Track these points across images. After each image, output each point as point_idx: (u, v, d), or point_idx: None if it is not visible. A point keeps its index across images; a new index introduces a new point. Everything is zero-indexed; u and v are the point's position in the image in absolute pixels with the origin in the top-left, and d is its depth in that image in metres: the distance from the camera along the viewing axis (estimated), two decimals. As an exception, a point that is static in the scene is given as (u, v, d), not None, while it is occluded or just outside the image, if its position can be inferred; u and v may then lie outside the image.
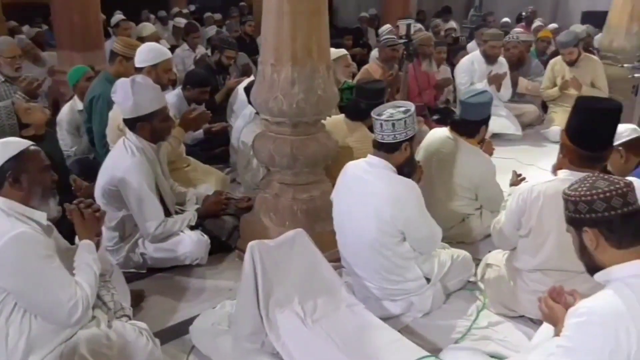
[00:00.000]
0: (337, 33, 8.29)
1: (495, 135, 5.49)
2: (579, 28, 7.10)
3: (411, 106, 2.51)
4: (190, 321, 2.56)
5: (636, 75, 3.86)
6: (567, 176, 2.41)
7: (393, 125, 2.44)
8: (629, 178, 2.71)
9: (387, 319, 2.56)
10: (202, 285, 3.00)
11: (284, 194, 3.11)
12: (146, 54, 3.59)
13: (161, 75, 3.56)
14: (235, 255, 3.26)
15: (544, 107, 6.19)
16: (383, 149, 2.52)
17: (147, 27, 6.62)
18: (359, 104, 3.60)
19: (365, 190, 2.52)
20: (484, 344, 2.47)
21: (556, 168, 2.67)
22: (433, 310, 2.71)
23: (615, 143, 2.76)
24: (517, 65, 6.20)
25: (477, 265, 3.01)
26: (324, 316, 2.23)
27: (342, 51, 4.70)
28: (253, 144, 3.19)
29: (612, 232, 1.57)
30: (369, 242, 2.54)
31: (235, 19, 10.03)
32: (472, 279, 2.97)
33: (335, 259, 2.88)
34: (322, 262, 2.45)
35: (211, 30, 7.89)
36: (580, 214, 1.61)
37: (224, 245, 3.28)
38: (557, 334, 1.81)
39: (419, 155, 3.45)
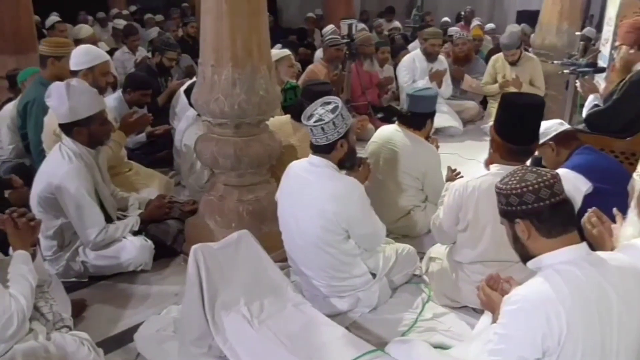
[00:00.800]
0: (282, 33, 8.31)
1: (438, 131, 5.63)
2: (515, 28, 7.36)
3: (338, 102, 2.53)
4: (135, 329, 2.51)
5: (565, 71, 4.04)
6: (498, 170, 2.51)
7: (322, 129, 2.45)
8: (559, 170, 2.87)
9: (335, 315, 2.60)
10: (147, 291, 2.94)
11: (229, 195, 3.09)
12: (82, 56, 3.49)
13: (98, 78, 3.47)
14: (180, 259, 3.21)
15: (485, 103, 6.39)
16: (319, 150, 2.55)
17: (84, 29, 6.41)
18: (304, 104, 3.61)
19: (308, 190, 2.54)
20: (429, 335, 2.54)
21: (488, 162, 2.78)
22: (380, 305, 2.75)
23: (546, 138, 2.90)
24: (463, 62, 6.38)
25: (421, 258, 3.07)
26: (271, 316, 2.24)
27: (285, 51, 4.70)
28: (195, 146, 3.15)
29: (542, 222, 1.64)
30: (314, 241, 2.56)
31: (177, 20, 9.86)
32: (417, 273, 3.03)
33: (282, 259, 2.89)
34: (267, 263, 2.45)
35: (153, 32, 7.74)
36: (511, 206, 1.68)
37: (169, 250, 3.22)
38: (494, 320, 1.89)
39: (369, 150, 3.52)
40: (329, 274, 2.63)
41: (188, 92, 3.70)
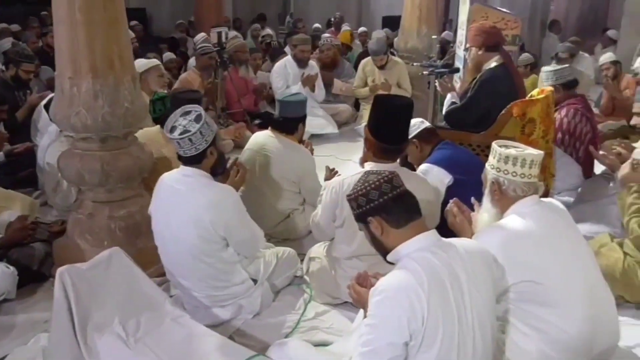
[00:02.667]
0: (152, 42, 8.06)
1: (315, 135, 5.78)
2: (380, 34, 7.77)
3: (200, 109, 2.51)
4: (-1, 363, 2.32)
5: (424, 72, 4.31)
6: (372, 168, 2.62)
7: (190, 140, 2.43)
8: (423, 165, 3.07)
9: (218, 325, 2.58)
10: (12, 321, 2.71)
11: (98, 212, 2.95)
12: None
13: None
14: (49, 284, 2.99)
15: (357, 105, 6.65)
16: (189, 162, 2.52)
17: None
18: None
19: (182, 200, 2.50)
20: (311, 334, 2.59)
21: (362, 161, 2.90)
22: (263, 310, 2.76)
23: (410, 136, 3.08)
24: (331, 67, 6.59)
25: (302, 260, 3.13)
26: (148, 333, 2.17)
27: (154, 61, 4.58)
28: (58, 163, 2.98)
29: (390, 214, 1.79)
30: (192, 251, 2.52)
31: (36, 30, 9.18)
32: (298, 274, 3.09)
33: (161, 273, 2.83)
34: (142, 279, 2.37)
35: (6, 43, 7.14)
36: (361, 207, 1.82)
37: (36, 275, 3.00)
38: (365, 315, 1.98)
39: (244, 157, 3.52)
40: (209, 284, 2.61)
41: (48, 107, 3.48)
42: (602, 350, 2.14)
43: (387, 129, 2.63)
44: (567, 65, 4.90)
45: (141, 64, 4.33)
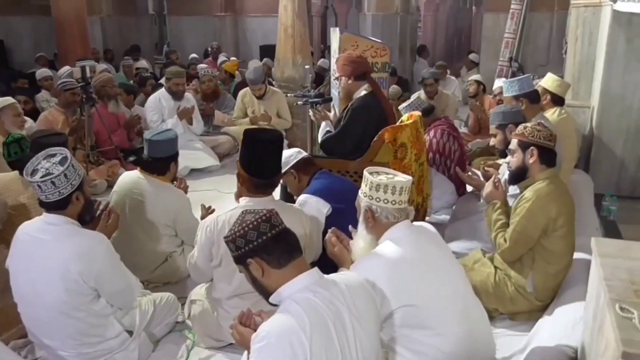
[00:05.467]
0: (10, 77, 7.47)
1: (195, 170, 5.62)
2: (257, 63, 7.77)
3: (66, 151, 2.35)
4: None
5: (299, 102, 4.35)
6: (247, 203, 2.59)
7: (53, 183, 2.25)
8: (302, 196, 3.06)
9: (90, 386, 2.36)
10: None
11: (-55, 273, 2.61)
12: None
13: None
14: None
15: (239, 136, 6.57)
16: (53, 207, 2.33)
17: None
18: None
19: (46, 251, 2.29)
20: (196, 382, 2.46)
21: (237, 196, 2.84)
22: (142, 362, 2.58)
23: (287, 167, 3.07)
24: (212, 98, 6.48)
25: (184, 304, 2.98)
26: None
27: (9, 100, 4.21)
28: None
29: (270, 255, 1.73)
30: (58, 307, 2.31)
31: None
32: (180, 319, 2.94)
33: (22, 335, 2.59)
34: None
35: None
36: (240, 249, 1.75)
37: None
38: (249, 358, 1.90)
39: (112, 200, 3.30)
40: (79, 341, 2.40)
41: None
42: (480, 364, 2.22)
43: (258, 163, 2.60)
44: (417, 96, 5.52)
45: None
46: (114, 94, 5.51)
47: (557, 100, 4.34)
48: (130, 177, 3.39)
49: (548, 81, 4.40)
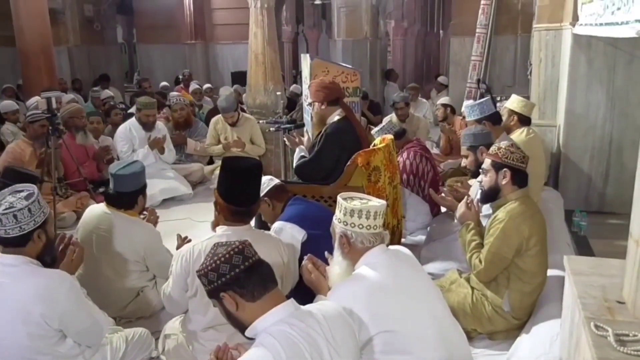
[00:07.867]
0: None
1: (168, 199, 5.55)
2: (228, 90, 7.78)
3: (33, 188, 2.28)
4: None
5: (271, 129, 4.35)
6: (224, 231, 2.55)
7: (15, 217, 2.17)
8: (276, 223, 3.03)
9: None
10: None
11: None
12: None
13: None
14: None
15: (212, 162, 6.53)
16: (11, 244, 2.23)
17: None
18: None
19: (4, 295, 2.18)
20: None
21: (214, 225, 2.80)
22: (114, 403, 2.49)
23: (261, 195, 3.04)
24: (184, 126, 6.43)
25: (158, 338, 2.90)
26: None
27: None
28: None
29: (244, 288, 1.70)
30: (21, 353, 2.21)
31: None
32: (154, 355, 2.85)
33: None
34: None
35: None
36: (213, 283, 1.71)
37: None
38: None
39: (78, 236, 3.20)
40: (45, 385, 2.29)
41: None
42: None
43: (236, 191, 2.57)
44: (389, 119, 5.77)
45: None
46: (82, 125, 5.41)
47: (524, 120, 4.43)
48: (96, 211, 3.28)
49: (514, 102, 4.50)
